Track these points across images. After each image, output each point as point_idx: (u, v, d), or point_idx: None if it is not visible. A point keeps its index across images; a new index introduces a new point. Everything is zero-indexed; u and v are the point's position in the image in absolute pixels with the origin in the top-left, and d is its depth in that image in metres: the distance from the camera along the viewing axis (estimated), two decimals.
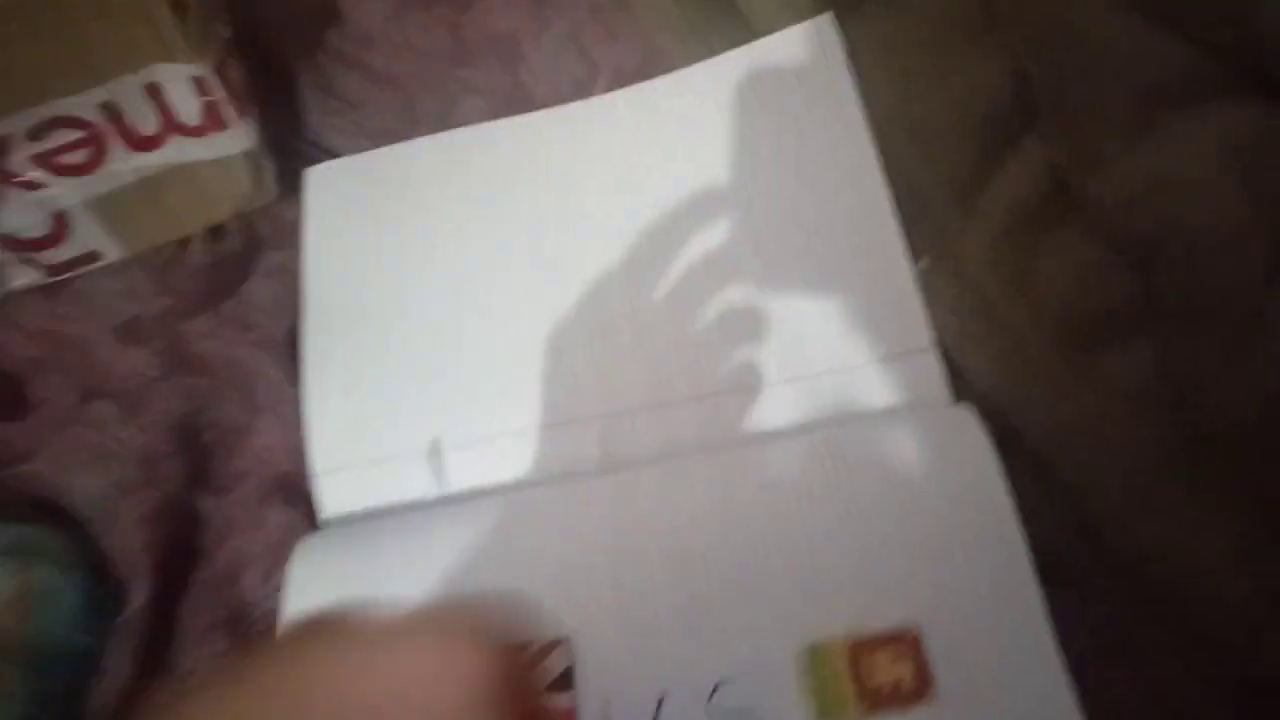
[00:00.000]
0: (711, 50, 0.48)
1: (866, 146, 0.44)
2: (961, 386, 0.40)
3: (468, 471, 0.41)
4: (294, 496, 0.41)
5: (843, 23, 0.46)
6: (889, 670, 0.33)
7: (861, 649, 0.33)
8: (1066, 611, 0.34)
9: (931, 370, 0.40)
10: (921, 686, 0.33)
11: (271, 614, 0.39)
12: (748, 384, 0.41)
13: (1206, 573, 0.35)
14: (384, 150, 0.48)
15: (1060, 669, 0.33)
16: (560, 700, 0.34)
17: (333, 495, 0.41)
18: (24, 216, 0.42)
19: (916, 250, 0.42)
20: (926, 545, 0.35)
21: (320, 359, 0.43)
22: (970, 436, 0.37)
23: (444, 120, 0.49)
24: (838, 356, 0.41)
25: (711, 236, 0.44)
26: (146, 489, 0.39)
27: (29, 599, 0.35)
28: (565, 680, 0.35)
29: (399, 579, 0.38)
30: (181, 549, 0.40)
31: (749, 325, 0.42)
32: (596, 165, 0.47)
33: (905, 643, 0.33)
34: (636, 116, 0.47)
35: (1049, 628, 0.34)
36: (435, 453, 0.41)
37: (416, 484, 0.41)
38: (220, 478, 0.42)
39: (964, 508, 0.36)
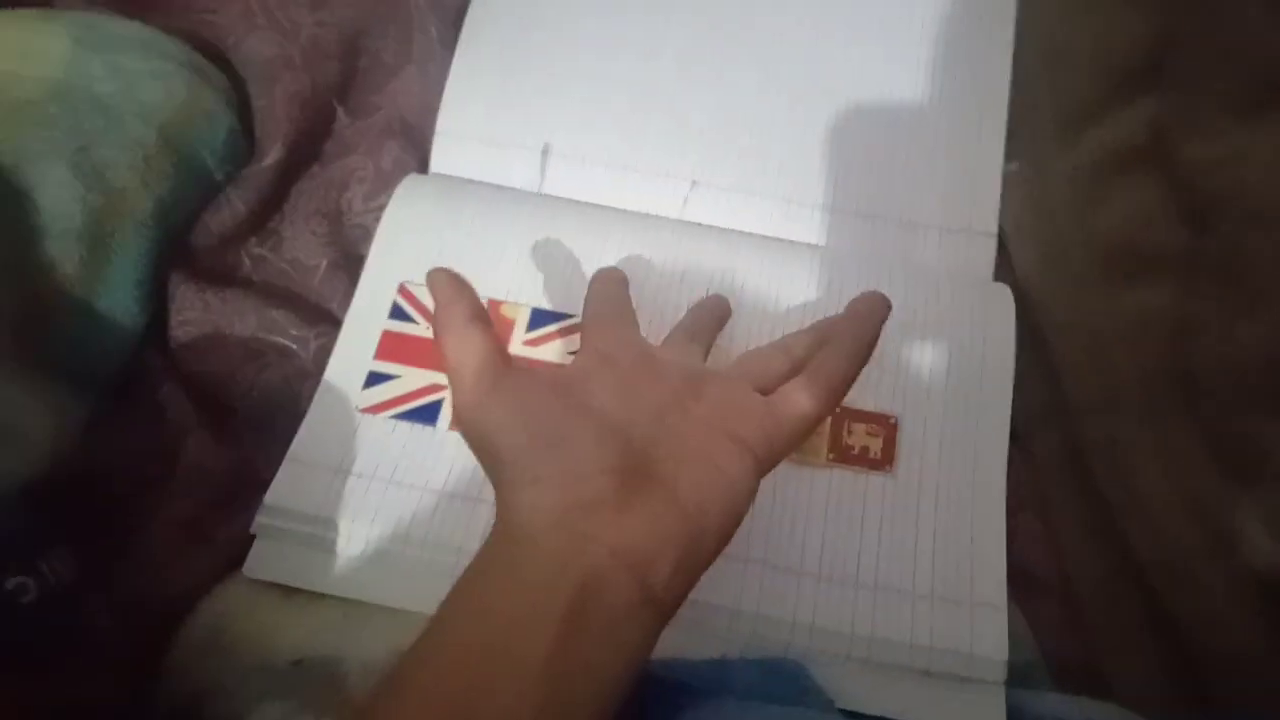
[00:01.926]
0: None
1: (1005, 53, 0.48)
2: (1003, 274, 0.45)
3: (567, 181, 0.46)
4: (412, 144, 0.46)
5: None
6: (863, 439, 0.38)
7: (847, 415, 0.39)
8: (1015, 464, 0.40)
9: (987, 252, 0.45)
10: (885, 460, 0.38)
11: (364, 228, 0.44)
12: (828, 203, 0.46)
13: (1144, 486, 0.40)
14: None
15: (1000, 498, 0.38)
16: None
17: (446, 155, 0.46)
18: None
19: (1012, 152, 0.47)
20: (932, 369, 0.40)
21: (480, 32, 0.47)
22: (1001, 307, 0.43)
23: None
24: (911, 210, 0.46)
25: (842, 61, 0.48)
26: (304, 74, 0.43)
27: (196, 112, 0.40)
28: None
29: (480, 238, 0.43)
30: (311, 139, 0.45)
31: (849, 153, 0.47)
32: None
33: (884, 424, 0.39)
34: None
35: (1004, 469, 0.39)
36: (545, 154, 0.46)
37: (519, 174, 0.46)
38: (358, 102, 0.46)
39: (975, 355, 0.41)
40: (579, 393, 0.30)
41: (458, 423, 0.32)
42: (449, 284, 0.32)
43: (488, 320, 0.31)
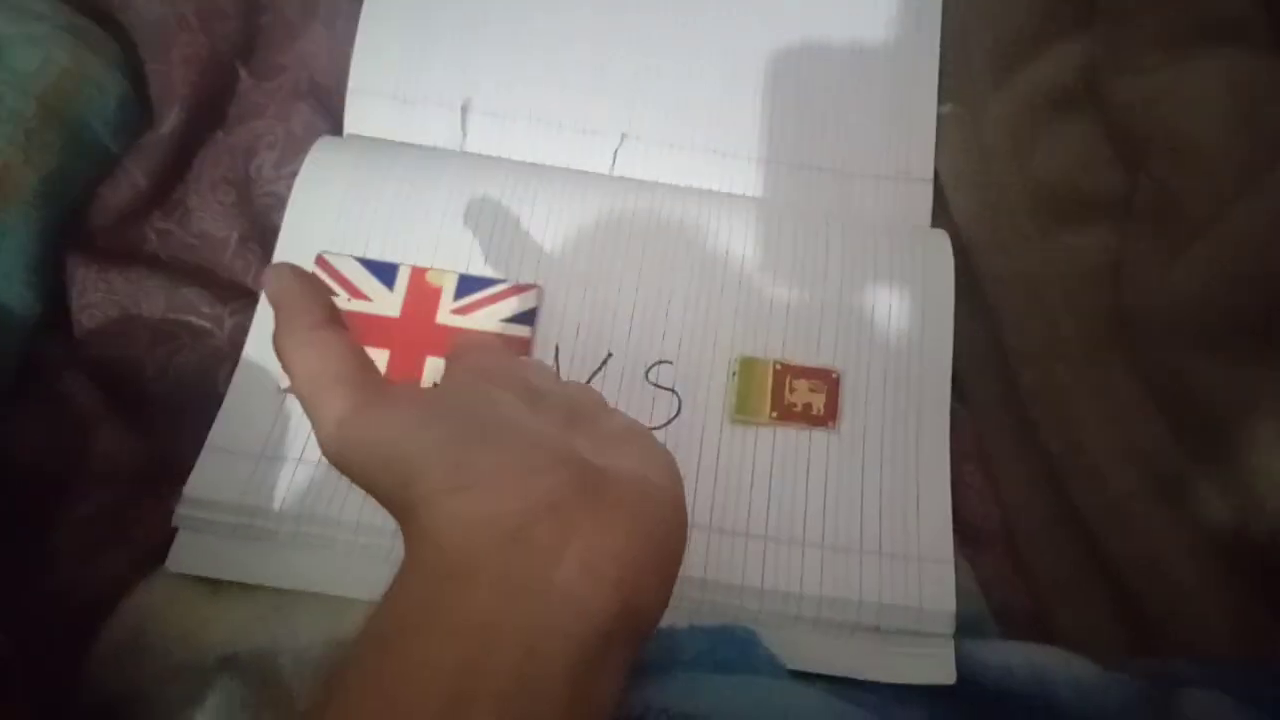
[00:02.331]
0: None
1: None
2: (941, 219, 0.45)
3: (489, 138, 0.44)
4: (323, 106, 0.44)
5: None
6: (805, 395, 0.38)
7: (788, 372, 0.38)
8: (957, 416, 0.40)
9: (924, 199, 0.45)
10: (828, 416, 0.37)
11: (277, 196, 0.42)
12: (762, 155, 0.45)
13: (1084, 432, 0.40)
14: None
15: (944, 449, 0.38)
16: (519, 331, 0.38)
17: (360, 116, 0.44)
18: None
19: (945, 95, 0.46)
20: (872, 321, 0.40)
21: None
22: (939, 254, 0.42)
23: None
24: (847, 160, 0.45)
25: (770, 7, 0.46)
26: (201, 35, 0.40)
27: (79, 78, 0.37)
28: (528, 317, 0.38)
29: (401, 201, 0.41)
30: (213, 104, 0.42)
31: (781, 102, 0.45)
32: None
33: (826, 379, 0.38)
34: None
35: (947, 421, 0.39)
36: (465, 110, 0.44)
37: (439, 132, 0.44)
38: (263, 63, 0.44)
39: (915, 304, 0.40)
40: (485, 397, 0.24)
41: (335, 445, 0.23)
42: (295, 285, 0.25)
43: (345, 327, 0.25)
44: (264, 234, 0.41)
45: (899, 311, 0.40)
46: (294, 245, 0.40)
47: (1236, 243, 0.38)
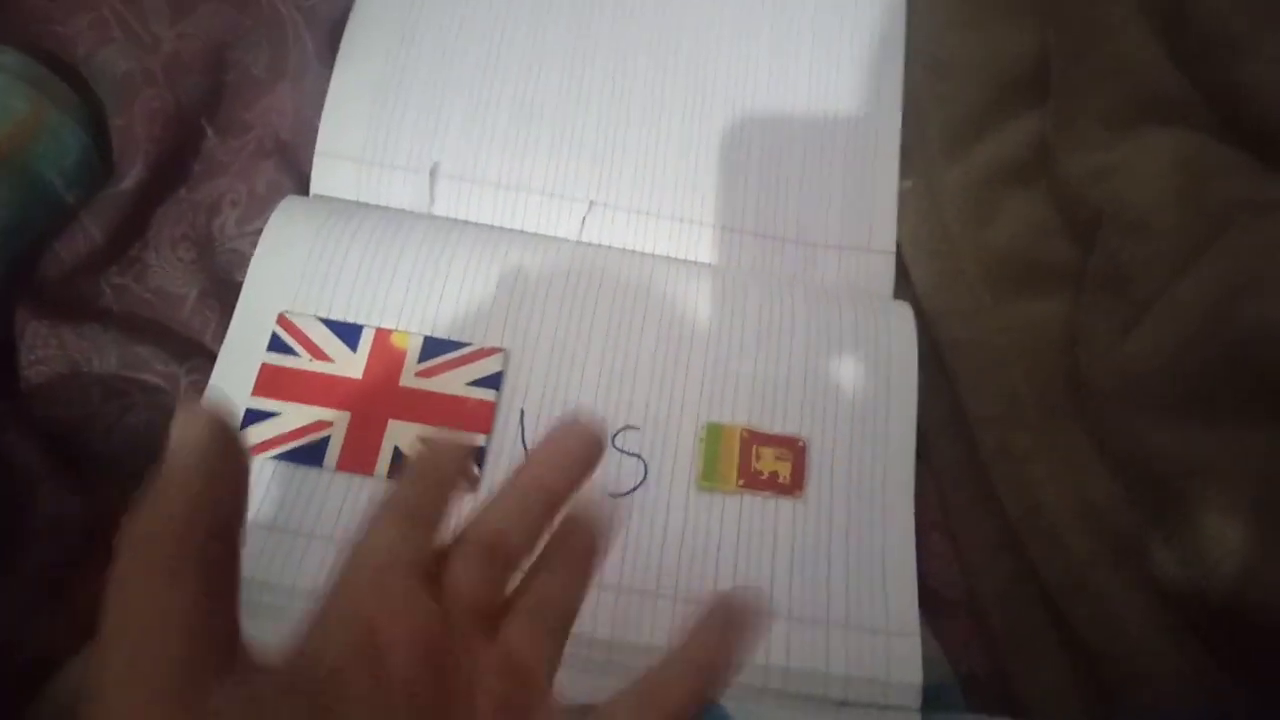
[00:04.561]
0: None
1: (896, 70, 0.49)
2: (902, 289, 0.45)
3: (456, 202, 0.44)
4: (288, 165, 0.43)
5: None
6: (772, 464, 0.37)
7: (756, 439, 0.38)
8: (920, 480, 0.40)
9: (886, 270, 0.45)
10: (794, 485, 0.37)
11: (239, 254, 0.41)
12: (729, 224, 0.45)
13: (1042, 496, 0.41)
14: None
15: (909, 519, 0.38)
16: (484, 395, 0.38)
17: (327, 177, 0.43)
18: None
19: (905, 170, 0.47)
20: (837, 391, 0.40)
21: (359, 47, 0.45)
22: (902, 324, 0.43)
23: None
24: (809, 231, 0.46)
25: (740, 86, 0.47)
26: (166, 90, 0.40)
27: (39, 128, 0.36)
28: (493, 381, 0.38)
29: (366, 262, 0.40)
30: (176, 160, 0.41)
31: (744, 173, 0.46)
32: None
33: (793, 448, 0.38)
34: None
35: (912, 493, 0.39)
36: (434, 174, 0.44)
37: (406, 195, 0.44)
38: (228, 121, 0.43)
39: (879, 374, 0.41)
40: (328, 707, 0.19)
41: None
42: (196, 460, 0.18)
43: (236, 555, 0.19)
44: (225, 291, 0.40)
45: (864, 383, 0.41)
46: (256, 303, 0.39)
47: (1185, 314, 0.39)
